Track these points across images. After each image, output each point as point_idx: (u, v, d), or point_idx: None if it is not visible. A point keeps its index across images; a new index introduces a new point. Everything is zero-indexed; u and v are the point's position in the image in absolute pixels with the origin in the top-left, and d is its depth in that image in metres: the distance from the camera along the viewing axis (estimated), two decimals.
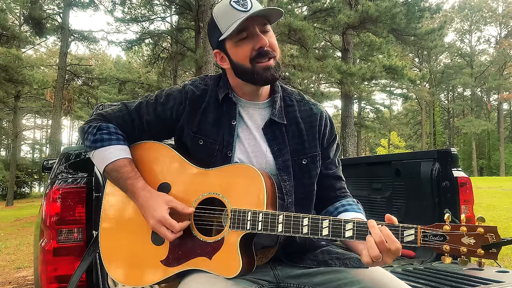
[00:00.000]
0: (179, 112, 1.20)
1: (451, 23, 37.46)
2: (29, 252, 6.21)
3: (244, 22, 1.08)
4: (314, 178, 1.20)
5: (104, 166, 1.16)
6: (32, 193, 34.73)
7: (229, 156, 1.16)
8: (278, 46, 1.16)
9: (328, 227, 0.95)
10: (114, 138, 1.18)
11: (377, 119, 30.95)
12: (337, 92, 22.04)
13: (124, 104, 1.26)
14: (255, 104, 1.22)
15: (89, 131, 1.19)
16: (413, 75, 16.65)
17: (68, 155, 1.63)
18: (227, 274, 1.01)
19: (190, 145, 1.20)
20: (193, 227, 1.09)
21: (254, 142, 1.19)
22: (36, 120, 41.97)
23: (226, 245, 1.04)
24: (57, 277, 1.48)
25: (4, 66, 17.50)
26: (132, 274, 1.14)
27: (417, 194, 2.27)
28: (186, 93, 1.21)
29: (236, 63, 1.15)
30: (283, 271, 1.16)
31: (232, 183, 1.08)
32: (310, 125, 1.22)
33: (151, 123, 1.21)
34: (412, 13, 14.84)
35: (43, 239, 1.55)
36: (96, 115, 1.25)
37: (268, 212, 1.01)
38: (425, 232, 0.89)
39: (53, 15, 19.24)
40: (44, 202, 1.57)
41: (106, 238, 1.19)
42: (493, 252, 0.83)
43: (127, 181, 1.13)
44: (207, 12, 12.48)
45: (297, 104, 1.25)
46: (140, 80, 20.03)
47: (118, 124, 1.22)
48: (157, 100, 1.22)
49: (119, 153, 1.16)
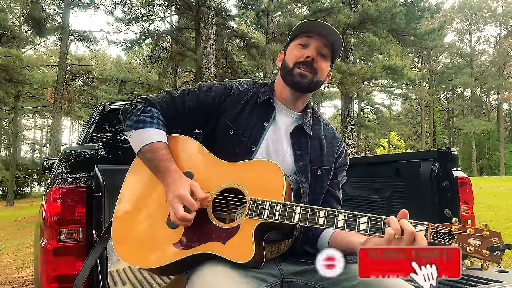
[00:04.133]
0: (220, 101, 1.31)
1: (451, 23, 37.45)
2: (29, 252, 6.21)
3: (310, 33, 1.26)
4: (324, 189, 1.30)
5: (142, 146, 1.21)
6: (32, 193, 34.74)
7: (252, 150, 1.25)
8: (325, 74, 1.30)
9: (344, 219, 1.01)
10: (155, 122, 1.24)
11: (377, 119, 30.97)
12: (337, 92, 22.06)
13: (168, 91, 1.34)
14: (291, 112, 1.34)
15: (133, 112, 1.25)
16: (413, 75, 16.65)
17: (68, 155, 1.63)
18: (239, 259, 1.03)
19: (221, 133, 1.28)
20: (210, 213, 1.13)
21: (279, 143, 1.28)
22: (36, 120, 41.99)
23: (241, 231, 1.07)
24: (57, 277, 1.48)
25: (4, 66, 17.50)
26: (142, 255, 1.14)
27: (417, 194, 2.27)
28: (230, 87, 1.34)
29: (285, 62, 1.30)
30: (287, 267, 1.19)
31: (253, 176, 1.15)
32: (331, 144, 1.36)
33: (193, 109, 1.30)
34: (412, 13, 14.83)
35: (43, 239, 1.55)
36: (141, 98, 1.32)
37: (286, 203, 1.06)
38: (435, 229, 0.94)
39: (53, 15, 19.28)
40: (44, 202, 1.57)
41: (120, 221, 1.20)
42: (497, 255, 0.89)
43: (161, 163, 1.18)
44: (207, 12, 12.49)
45: (323, 126, 1.39)
46: (140, 80, 20.05)
47: (162, 109, 1.29)
48: (200, 89, 1.33)
49: (158, 136, 1.22)
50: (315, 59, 1.25)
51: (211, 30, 12.47)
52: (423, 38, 15.47)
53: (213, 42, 12.66)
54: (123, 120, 1.27)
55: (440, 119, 39.87)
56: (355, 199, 2.86)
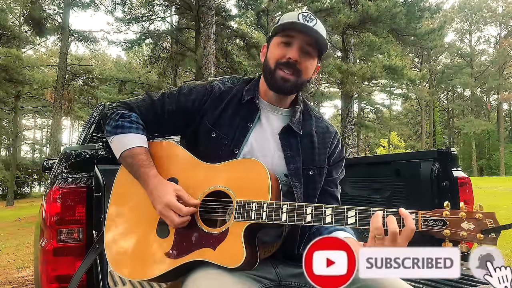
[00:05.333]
0: (200, 104, 1.26)
1: (451, 23, 37.42)
2: (29, 252, 6.21)
3: (292, 31, 1.16)
4: (317, 190, 1.25)
5: (121, 152, 1.20)
6: (32, 193, 34.72)
7: (235, 153, 1.20)
8: (310, 72, 1.23)
9: (331, 214, 0.99)
10: (134, 127, 1.22)
11: (377, 119, 30.95)
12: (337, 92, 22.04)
13: (148, 94, 1.31)
14: (277, 109, 1.28)
15: (112, 117, 1.24)
16: (413, 75, 16.66)
17: (68, 155, 1.63)
18: (230, 264, 1.02)
19: (202, 136, 1.25)
20: (198, 219, 1.11)
21: (265, 145, 1.23)
22: (36, 120, 41.98)
23: (230, 235, 1.05)
24: (57, 277, 1.48)
25: (4, 66, 17.49)
26: (136, 268, 1.13)
27: (417, 194, 2.27)
28: (211, 87, 1.28)
29: (267, 60, 1.23)
30: (284, 269, 1.18)
31: (238, 177, 1.12)
32: (323, 140, 1.29)
33: (173, 112, 1.26)
34: (412, 13, 14.83)
35: (43, 239, 1.55)
36: (120, 102, 1.30)
37: (272, 202, 1.04)
38: (425, 217, 0.91)
39: (53, 15, 19.26)
40: (44, 202, 1.57)
41: (111, 232, 1.20)
42: (492, 237, 0.84)
43: (140, 168, 1.16)
44: (207, 12, 12.49)
45: (314, 120, 1.31)
46: (140, 80, 20.05)
47: (141, 113, 1.26)
48: (180, 91, 1.28)
49: (137, 141, 1.21)
50: (298, 60, 1.18)
51: (211, 30, 12.47)
52: (423, 38, 15.47)
53: (213, 42, 12.66)
54: (104, 125, 1.26)
55: (440, 119, 39.84)
56: (355, 199, 2.86)
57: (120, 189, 1.25)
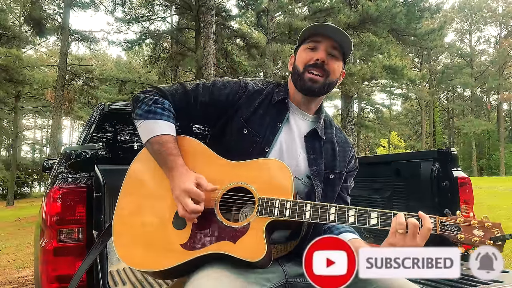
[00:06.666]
0: (234, 99, 1.29)
1: (451, 23, 37.40)
2: (30, 252, 6.22)
3: (318, 37, 1.25)
4: (335, 193, 1.31)
5: (150, 137, 1.19)
6: (33, 193, 34.73)
7: (266, 151, 1.24)
8: (338, 74, 1.30)
9: (354, 215, 1.03)
10: (166, 114, 1.22)
11: (377, 119, 30.97)
12: (337, 92, 22.04)
13: (181, 83, 1.32)
14: (304, 114, 1.34)
15: (145, 101, 1.22)
16: (413, 75, 16.65)
17: (68, 155, 1.63)
18: (251, 258, 1.03)
19: (234, 132, 1.27)
20: (218, 213, 1.12)
21: (292, 145, 1.28)
22: (37, 120, 41.99)
23: (252, 230, 1.07)
24: (58, 277, 1.48)
25: (4, 66, 17.48)
26: (149, 258, 1.12)
27: (417, 194, 2.27)
28: (245, 85, 1.32)
29: (296, 65, 1.30)
30: (292, 268, 1.18)
31: (260, 174, 1.14)
32: (343, 149, 1.36)
33: (205, 104, 1.28)
34: (412, 13, 14.83)
35: (43, 239, 1.55)
36: (153, 88, 1.29)
37: (296, 201, 1.07)
38: (443, 222, 1.00)
39: (54, 15, 19.26)
40: (44, 202, 1.57)
41: (122, 220, 1.18)
42: (499, 244, 0.95)
43: (169, 156, 1.16)
44: (207, 12, 12.49)
45: (335, 130, 1.38)
46: (141, 80, 20.02)
47: (173, 101, 1.26)
48: (214, 85, 1.30)
49: (167, 129, 1.20)
50: (326, 61, 1.24)
51: (211, 30, 12.46)
52: (423, 38, 15.47)
53: (213, 42, 12.66)
54: (133, 108, 1.25)
55: (440, 119, 39.84)
56: (355, 199, 2.86)
57: (135, 179, 1.24)
